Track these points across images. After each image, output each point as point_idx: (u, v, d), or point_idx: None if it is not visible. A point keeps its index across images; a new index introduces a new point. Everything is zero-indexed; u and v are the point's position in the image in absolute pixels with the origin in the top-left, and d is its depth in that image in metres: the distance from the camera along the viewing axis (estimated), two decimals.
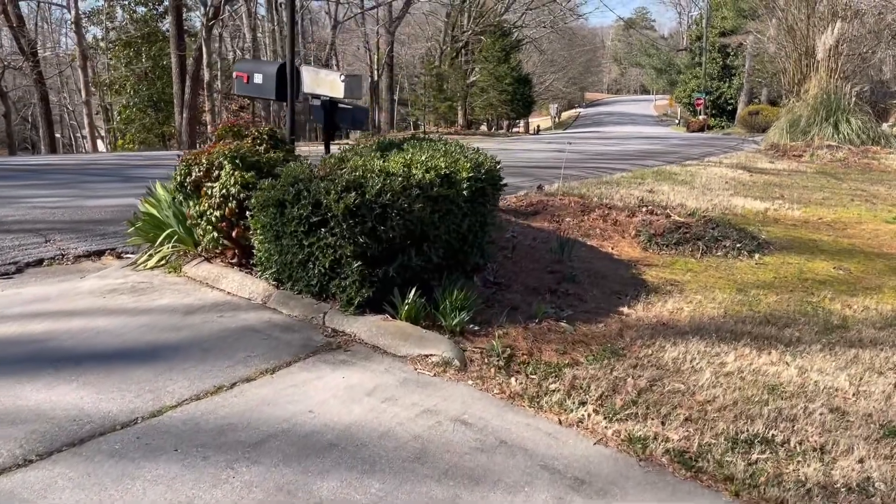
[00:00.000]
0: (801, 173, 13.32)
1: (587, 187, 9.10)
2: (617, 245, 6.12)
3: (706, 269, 5.62)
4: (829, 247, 6.90)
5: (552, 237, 5.95)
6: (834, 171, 14.23)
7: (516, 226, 6.30)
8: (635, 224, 6.59)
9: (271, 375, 2.93)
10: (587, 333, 3.81)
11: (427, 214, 3.67)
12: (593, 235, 6.28)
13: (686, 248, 6.14)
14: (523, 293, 4.32)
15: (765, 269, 5.76)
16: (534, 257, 5.15)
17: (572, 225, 6.51)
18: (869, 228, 8.11)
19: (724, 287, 5.10)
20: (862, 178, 13.34)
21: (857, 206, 9.61)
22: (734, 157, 15.82)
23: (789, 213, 8.75)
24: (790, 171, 13.65)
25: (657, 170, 12.04)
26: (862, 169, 15.20)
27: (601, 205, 7.62)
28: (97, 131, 39.50)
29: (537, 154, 15.86)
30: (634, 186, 9.77)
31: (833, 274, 5.78)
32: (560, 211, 7.04)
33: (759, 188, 10.80)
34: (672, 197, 9.11)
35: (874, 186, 11.98)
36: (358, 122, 4.81)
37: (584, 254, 5.60)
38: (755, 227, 7.55)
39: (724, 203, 9.03)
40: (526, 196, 7.95)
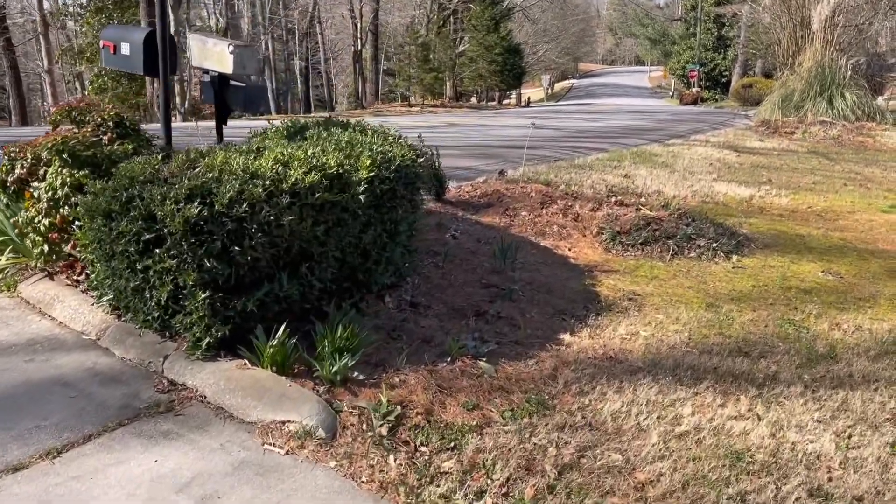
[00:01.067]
0: (791, 153, 12.52)
1: (555, 172, 8.29)
2: (575, 245, 5.33)
3: (674, 276, 4.85)
4: (818, 243, 6.14)
5: (500, 237, 5.16)
6: (827, 150, 13.44)
7: (462, 222, 5.50)
8: (599, 219, 5.80)
9: (52, 461, 2.16)
10: (511, 376, 3.04)
11: (307, 227, 2.87)
12: (549, 234, 5.49)
13: (654, 249, 5.36)
14: (444, 317, 3.54)
15: (742, 275, 4.99)
16: (471, 265, 4.37)
17: (527, 221, 5.72)
18: (863, 219, 7.35)
19: (693, 301, 4.33)
20: (856, 158, 12.57)
21: (851, 192, 8.84)
22: (722, 135, 14.99)
23: (776, 201, 7.98)
24: (780, 150, 12.84)
25: (638, 150, 11.22)
26: (856, 148, 14.42)
27: (566, 194, 6.82)
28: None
29: (514, 131, 15.00)
30: (609, 170, 8.96)
31: (821, 280, 5.02)
32: (517, 202, 6.24)
33: (745, 171, 10.01)
34: (649, 183, 8.32)
35: (869, 168, 11.21)
36: (252, 102, 3.99)
37: (534, 258, 4.82)
38: (737, 220, 6.78)
39: (705, 189, 8.25)
40: (484, 183, 7.14)
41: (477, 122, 18.73)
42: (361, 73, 42.14)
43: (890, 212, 7.82)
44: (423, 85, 42.47)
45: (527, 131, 15.67)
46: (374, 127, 4.42)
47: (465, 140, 12.73)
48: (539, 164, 8.94)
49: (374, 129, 4.28)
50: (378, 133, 4.14)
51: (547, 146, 11.76)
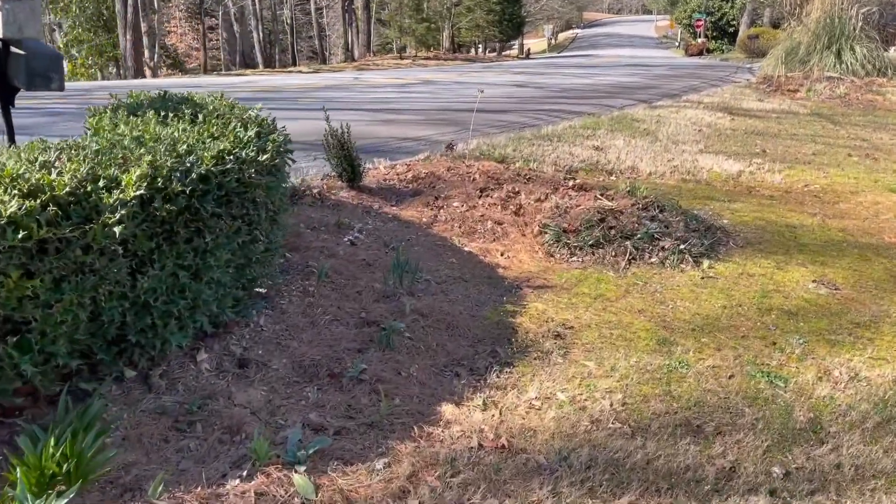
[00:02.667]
0: (792, 115, 11.37)
1: (515, 144, 7.23)
2: (510, 249, 4.33)
3: (626, 293, 3.86)
4: (813, 238, 5.12)
5: (414, 241, 4.16)
6: (832, 111, 12.27)
7: (375, 218, 4.49)
8: (545, 212, 4.78)
9: None
10: (336, 501, 2.07)
11: (11, 284, 1.88)
12: (480, 233, 4.49)
13: (608, 253, 4.35)
14: (281, 383, 2.57)
15: (713, 289, 3.99)
16: (356, 287, 3.38)
17: (457, 215, 4.70)
18: (867, 202, 6.31)
19: (641, 334, 3.35)
20: (863, 120, 11.42)
21: (855, 166, 7.77)
22: (719, 94, 13.79)
23: (768, 179, 6.93)
24: (780, 112, 11.69)
25: (620, 114, 10.09)
26: (864, 108, 13.25)
27: (518, 175, 5.78)
28: None
29: (494, 90, 13.82)
30: (580, 141, 7.88)
31: (811, 295, 4.02)
32: (453, 189, 5.20)
33: (738, 139, 8.91)
34: (624, 156, 7.26)
35: (877, 134, 10.09)
36: (38, 76, 2.93)
37: (448, 272, 3.82)
38: (718, 205, 5.76)
39: (688, 164, 7.19)
40: (423, 162, 6.10)
41: (457, 79, 17.49)
42: (352, 24, 40.40)
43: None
44: (415, 36, 40.75)
45: (510, 90, 14.46)
46: (231, 106, 3.39)
47: (432, 102, 11.60)
48: (500, 135, 7.87)
49: (225, 108, 3.24)
50: (226, 115, 3.10)
51: (520, 109, 10.65)
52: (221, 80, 17.79)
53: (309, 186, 4.75)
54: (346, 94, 12.74)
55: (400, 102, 11.46)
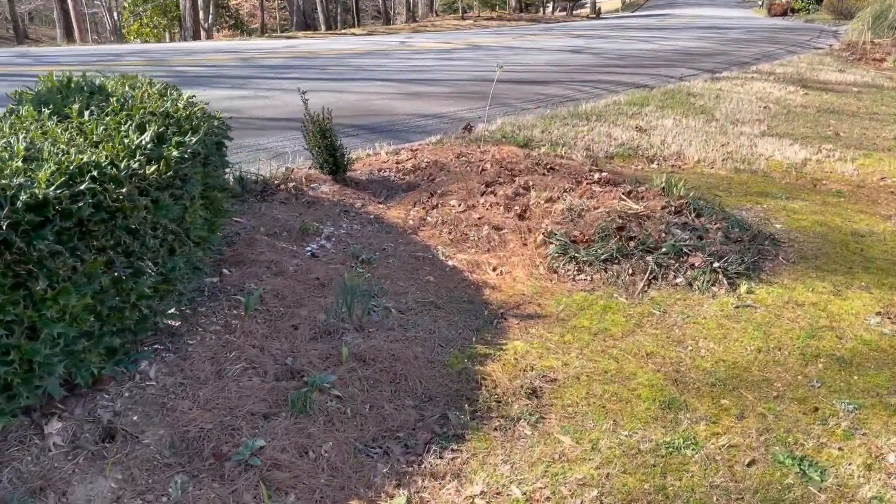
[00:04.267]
0: (876, 89, 10.12)
1: (546, 124, 6.47)
2: (505, 262, 3.67)
3: (636, 328, 3.16)
4: (884, 251, 4.26)
5: (391, 251, 3.55)
6: None
7: (352, 220, 3.89)
8: (555, 216, 4.08)
9: None
10: None
11: None
12: (473, 241, 3.83)
13: (624, 270, 3.65)
14: (143, 468, 2.02)
15: (747, 325, 3.25)
16: (293, 319, 2.80)
17: (450, 217, 4.05)
18: None
19: (643, 393, 2.66)
20: None
21: None
22: (794, 63, 12.49)
23: (838, 169, 5.98)
24: (862, 85, 10.43)
25: (675, 87, 9.11)
26: None
27: (535, 166, 5.06)
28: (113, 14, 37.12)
29: (547, 56, 12.89)
30: (623, 120, 7.04)
31: (873, 334, 3.23)
32: (455, 182, 4.55)
33: (808, 119, 7.87)
34: (670, 139, 6.42)
35: None
36: None
37: (421, 294, 3.20)
38: (773, 204, 4.92)
39: (744, 150, 6.30)
40: (436, 145, 5.44)
41: (509, 44, 16.51)
42: None
43: None
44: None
45: (562, 57, 13.50)
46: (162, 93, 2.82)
47: (471, 71, 10.80)
48: (532, 111, 7.10)
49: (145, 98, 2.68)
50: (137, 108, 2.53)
51: (567, 80, 9.77)
52: (262, 44, 17.33)
53: (286, 179, 4.18)
54: (382, 60, 12.07)
55: (435, 71, 10.72)
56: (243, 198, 3.85)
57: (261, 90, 8.17)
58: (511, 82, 9.39)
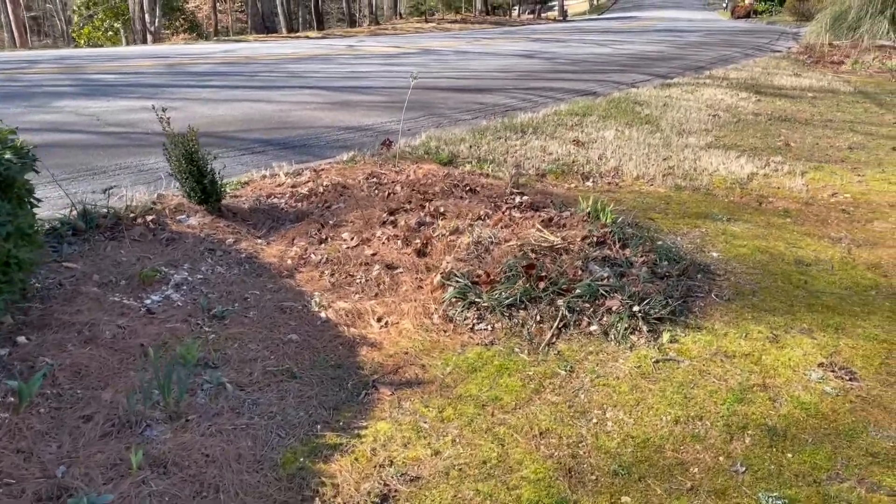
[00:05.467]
0: (831, 95, 9.80)
1: (476, 138, 5.96)
2: (394, 311, 3.13)
3: (535, 395, 2.65)
4: (831, 282, 3.82)
5: (253, 302, 2.99)
6: (878, 89, 10.63)
7: (218, 261, 3.33)
8: (460, 251, 3.56)
9: None
10: None
11: None
12: (359, 285, 3.29)
13: (531, 316, 3.14)
14: None
15: (666, 385, 2.76)
16: (89, 407, 2.23)
17: (339, 255, 3.51)
18: None
19: (524, 492, 2.15)
20: None
21: None
22: (750, 67, 12.17)
23: (786, 184, 5.57)
24: (818, 90, 10.11)
25: (622, 95, 8.67)
26: None
27: (453, 187, 4.55)
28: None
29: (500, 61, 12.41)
30: (561, 132, 6.57)
31: (813, 395, 2.76)
32: (355, 210, 4.01)
33: (759, 127, 7.48)
34: (609, 153, 5.96)
35: None
36: None
37: (276, 360, 2.65)
38: (712, 227, 4.47)
39: (687, 164, 5.86)
40: (346, 164, 4.90)
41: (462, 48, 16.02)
42: None
43: None
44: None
45: (514, 62, 13.03)
46: None
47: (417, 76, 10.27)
48: (464, 124, 6.59)
49: None
50: None
51: (511, 87, 9.29)
52: (200, 49, 16.60)
53: (146, 211, 3.60)
54: (322, 66, 11.49)
55: (374, 78, 10.18)
56: (87, 236, 3.27)
57: (171, 100, 7.56)
58: (451, 90, 8.87)
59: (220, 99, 7.53)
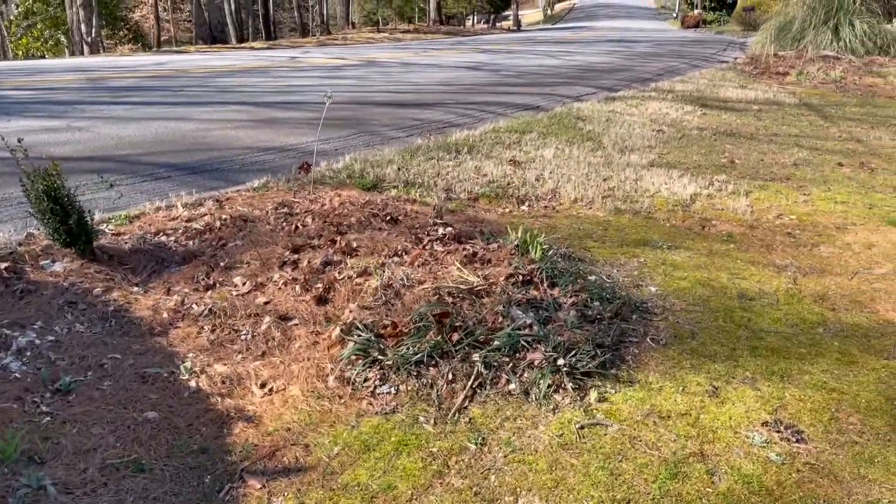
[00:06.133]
0: (777, 107, 9.68)
1: (405, 160, 5.57)
2: (282, 374, 2.70)
3: (436, 478, 2.25)
4: (776, 319, 3.52)
5: (110, 370, 2.53)
6: (823, 101, 10.58)
7: (78, 317, 2.86)
8: (367, 295, 3.15)
9: None
10: None
11: None
12: (244, 342, 2.85)
13: (442, 375, 2.74)
14: None
15: (591, 458, 2.38)
16: None
17: (225, 305, 3.06)
18: (858, 243, 4.70)
19: None
20: (860, 112, 9.75)
21: (846, 182, 6.13)
22: (696, 79, 12.05)
23: (730, 206, 5.30)
24: (763, 102, 9.99)
25: (564, 110, 8.38)
26: (863, 93, 11.57)
27: (372, 217, 4.15)
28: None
29: (440, 74, 12.05)
30: (498, 152, 6.22)
31: (756, 464, 2.41)
32: (253, 247, 3.57)
33: (703, 143, 7.25)
34: (547, 174, 5.62)
35: (875, 132, 8.43)
36: None
37: (121, 447, 2.20)
38: (651, 256, 4.16)
39: (628, 185, 5.56)
40: (257, 191, 4.46)
41: (409, 59, 15.65)
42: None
43: None
44: (392, 7, 38.66)
45: (456, 74, 12.70)
46: None
47: (349, 91, 9.86)
48: (397, 142, 6.20)
49: None
50: None
51: (452, 102, 8.94)
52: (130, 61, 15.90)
53: (2, 255, 3.10)
54: (257, 79, 10.99)
55: (309, 93, 9.72)
56: None
57: (79, 119, 7.00)
58: (389, 105, 8.47)
59: (133, 117, 6.99)
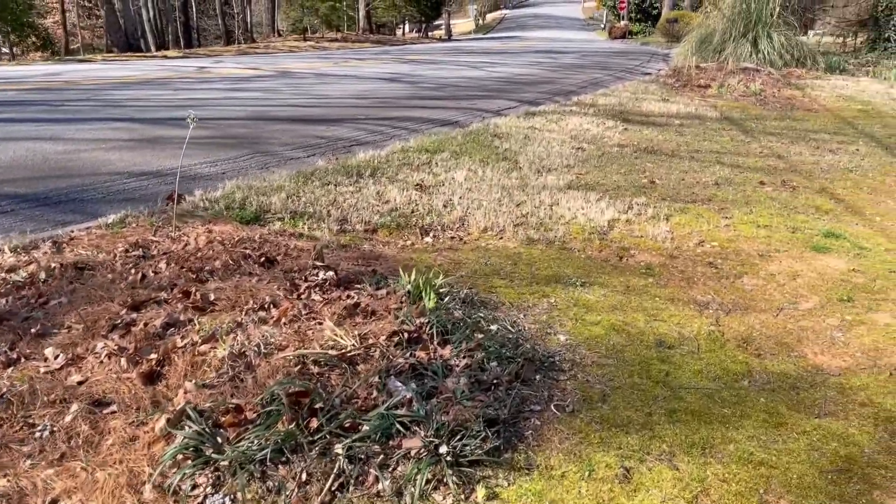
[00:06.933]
0: (698, 122, 9.52)
1: (296, 186, 5.01)
2: (83, 485, 2.11)
3: None
4: (696, 371, 3.12)
5: None
6: (744, 114, 10.51)
7: None
8: (211, 370, 2.57)
9: None
10: None
11: None
12: (38, 442, 2.25)
13: (295, 475, 2.19)
14: None
15: None
16: None
17: (26, 389, 2.44)
18: (783, 273, 4.39)
19: None
20: (780, 126, 9.68)
21: (769, 204, 5.87)
22: (619, 92, 11.86)
23: (649, 232, 4.94)
24: (685, 116, 9.82)
25: (481, 126, 7.96)
26: (782, 106, 11.60)
27: (246, 258, 3.58)
28: None
29: (355, 86, 11.50)
30: (405, 174, 5.72)
31: None
32: (83, 305, 2.94)
33: (624, 162, 6.92)
34: (457, 200, 5.15)
35: (795, 147, 8.31)
36: None
37: None
38: (563, 296, 3.72)
39: (543, 212, 5.13)
40: (113, 229, 3.81)
41: (326, 70, 15.03)
42: (248, 2, 37.04)
43: (826, 249, 4.89)
44: (318, 15, 37.85)
45: (373, 87, 12.17)
46: None
47: (253, 106, 9.22)
48: (295, 164, 5.63)
49: None
50: None
51: (364, 117, 8.40)
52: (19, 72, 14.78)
53: None
54: (153, 92, 10.21)
55: (209, 107, 9.03)
56: None
57: None
58: (294, 121, 7.87)
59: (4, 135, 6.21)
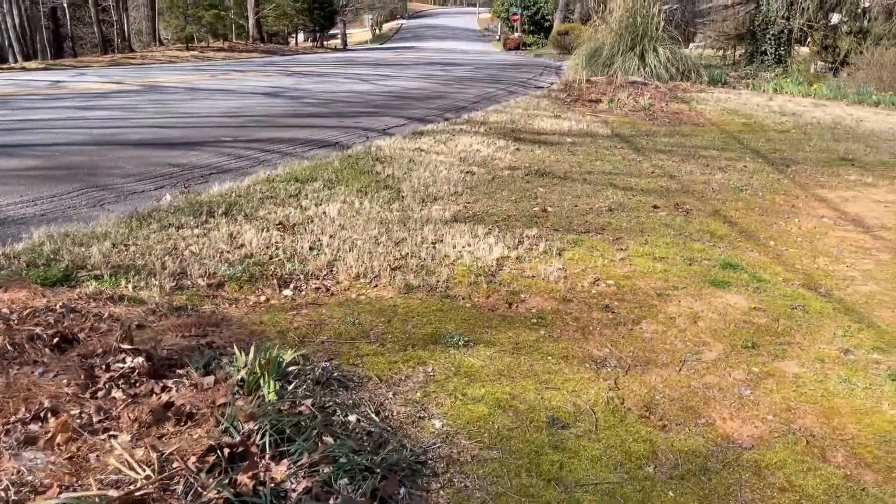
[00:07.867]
0: (591, 140, 9.26)
1: (130, 229, 4.21)
2: None
3: None
4: (591, 464, 2.62)
5: None
6: (635, 130, 10.38)
7: None
8: None
9: None
10: None
11: None
12: None
13: None
14: None
15: None
16: None
17: None
18: (683, 316, 4.01)
19: None
20: (670, 143, 9.57)
21: (664, 230, 5.53)
22: (511, 107, 11.53)
23: (541, 271, 4.46)
24: (577, 134, 9.55)
25: (362, 149, 7.33)
26: (670, 121, 11.60)
27: (29, 339, 2.79)
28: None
29: (228, 102, 10.61)
30: (268, 210, 5.01)
31: None
32: None
33: (515, 187, 6.47)
34: (326, 240, 4.50)
35: (686, 166, 8.15)
36: None
37: None
38: (442, 362, 3.16)
39: (424, 252, 4.56)
40: None
41: (200, 83, 13.99)
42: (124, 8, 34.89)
43: (725, 284, 4.57)
44: (202, 24, 36.10)
45: (249, 102, 11.30)
46: None
47: (102, 128, 8.23)
48: (130, 202, 4.81)
49: None
50: None
51: (230, 139, 7.59)
52: None
53: None
54: None
55: (45, 130, 7.94)
56: None
57: None
58: (146, 145, 6.98)
59: None
